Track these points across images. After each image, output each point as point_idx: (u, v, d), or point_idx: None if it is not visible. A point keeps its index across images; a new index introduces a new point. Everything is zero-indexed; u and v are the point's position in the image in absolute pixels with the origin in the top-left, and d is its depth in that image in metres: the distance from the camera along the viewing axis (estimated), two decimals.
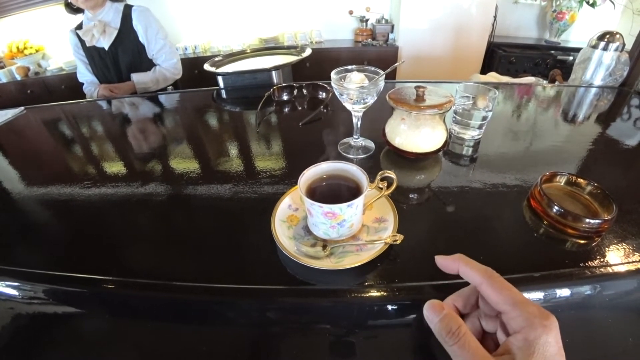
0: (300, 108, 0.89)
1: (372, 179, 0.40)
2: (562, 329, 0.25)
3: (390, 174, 0.41)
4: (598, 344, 0.38)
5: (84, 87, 1.43)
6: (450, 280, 0.36)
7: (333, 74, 0.55)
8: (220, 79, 1.05)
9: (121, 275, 0.41)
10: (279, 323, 0.40)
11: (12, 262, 0.43)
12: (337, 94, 0.56)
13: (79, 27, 1.31)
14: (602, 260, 0.39)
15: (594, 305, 0.39)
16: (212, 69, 1.07)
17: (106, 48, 1.30)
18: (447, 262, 0.30)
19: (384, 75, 0.53)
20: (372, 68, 0.56)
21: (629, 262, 0.38)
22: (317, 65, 2.06)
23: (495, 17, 2.25)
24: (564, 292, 0.37)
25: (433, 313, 0.27)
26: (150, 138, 0.82)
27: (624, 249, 0.40)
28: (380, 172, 0.41)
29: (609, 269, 0.38)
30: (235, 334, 0.41)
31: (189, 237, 0.47)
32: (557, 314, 0.25)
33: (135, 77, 1.34)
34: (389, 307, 0.36)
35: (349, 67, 0.56)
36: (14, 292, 0.42)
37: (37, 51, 2.25)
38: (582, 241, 0.42)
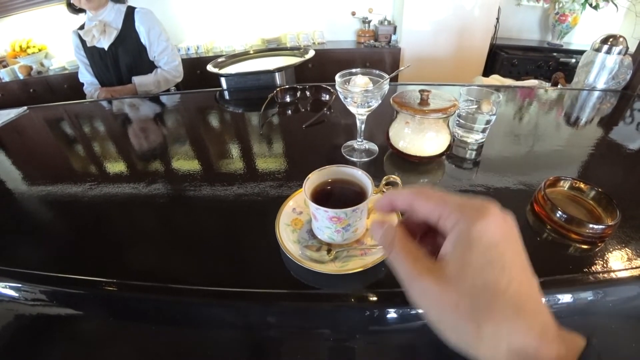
0: (303, 110, 0.89)
1: (376, 182, 0.40)
2: None
3: (396, 178, 0.41)
4: (601, 350, 0.38)
5: (84, 87, 1.44)
6: None
7: (337, 77, 0.55)
8: (223, 80, 1.06)
9: (123, 277, 0.41)
10: (282, 327, 0.40)
11: (13, 263, 0.43)
12: (341, 97, 0.56)
13: (82, 27, 1.31)
14: (605, 265, 0.39)
15: (597, 311, 0.39)
16: (215, 70, 1.07)
17: (106, 48, 1.30)
18: (384, 217, 0.25)
19: (388, 79, 0.53)
20: (377, 71, 0.56)
21: (632, 268, 0.38)
22: (319, 66, 2.06)
23: (497, 19, 2.24)
24: (566, 298, 0.37)
25: (377, 228, 0.24)
26: (153, 139, 0.82)
27: (627, 254, 0.40)
28: (385, 177, 0.41)
29: (612, 275, 0.38)
30: (238, 337, 0.41)
31: (191, 240, 0.47)
32: (560, 320, 0.25)
33: (137, 79, 1.34)
34: (393, 312, 0.36)
35: (353, 70, 0.57)
36: (15, 294, 0.42)
37: (39, 50, 2.25)
38: (585, 246, 0.42)
